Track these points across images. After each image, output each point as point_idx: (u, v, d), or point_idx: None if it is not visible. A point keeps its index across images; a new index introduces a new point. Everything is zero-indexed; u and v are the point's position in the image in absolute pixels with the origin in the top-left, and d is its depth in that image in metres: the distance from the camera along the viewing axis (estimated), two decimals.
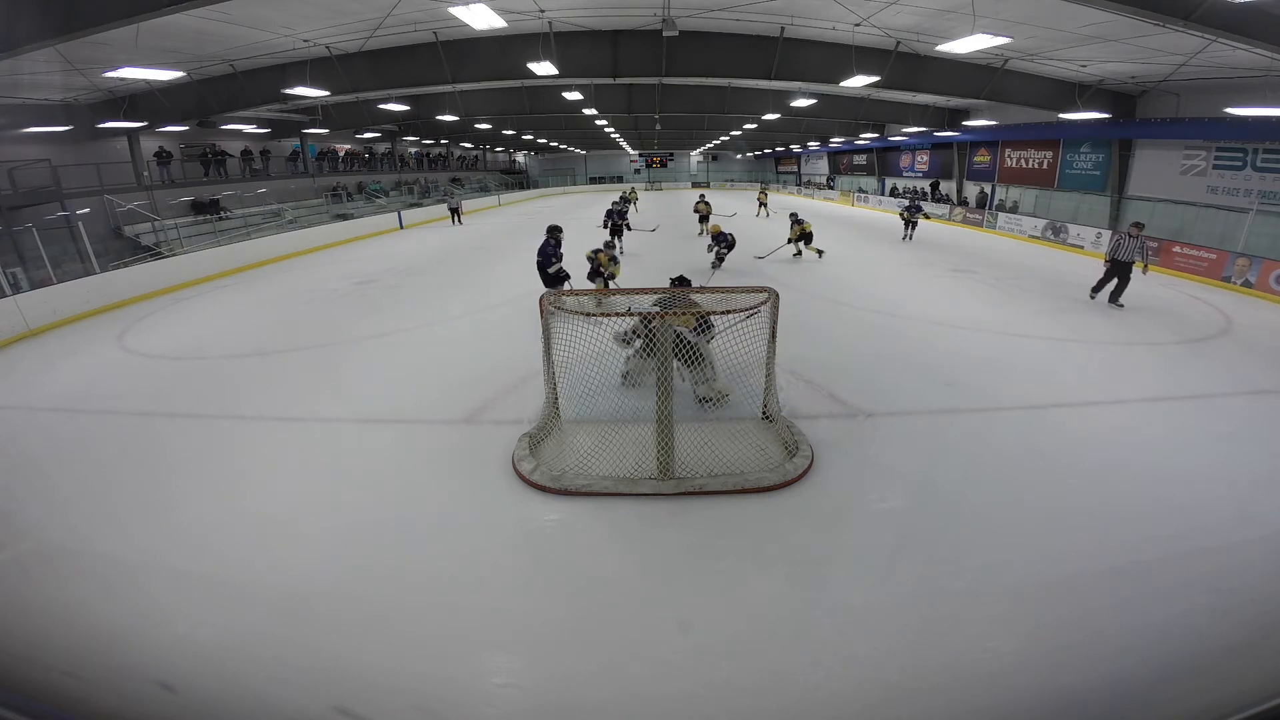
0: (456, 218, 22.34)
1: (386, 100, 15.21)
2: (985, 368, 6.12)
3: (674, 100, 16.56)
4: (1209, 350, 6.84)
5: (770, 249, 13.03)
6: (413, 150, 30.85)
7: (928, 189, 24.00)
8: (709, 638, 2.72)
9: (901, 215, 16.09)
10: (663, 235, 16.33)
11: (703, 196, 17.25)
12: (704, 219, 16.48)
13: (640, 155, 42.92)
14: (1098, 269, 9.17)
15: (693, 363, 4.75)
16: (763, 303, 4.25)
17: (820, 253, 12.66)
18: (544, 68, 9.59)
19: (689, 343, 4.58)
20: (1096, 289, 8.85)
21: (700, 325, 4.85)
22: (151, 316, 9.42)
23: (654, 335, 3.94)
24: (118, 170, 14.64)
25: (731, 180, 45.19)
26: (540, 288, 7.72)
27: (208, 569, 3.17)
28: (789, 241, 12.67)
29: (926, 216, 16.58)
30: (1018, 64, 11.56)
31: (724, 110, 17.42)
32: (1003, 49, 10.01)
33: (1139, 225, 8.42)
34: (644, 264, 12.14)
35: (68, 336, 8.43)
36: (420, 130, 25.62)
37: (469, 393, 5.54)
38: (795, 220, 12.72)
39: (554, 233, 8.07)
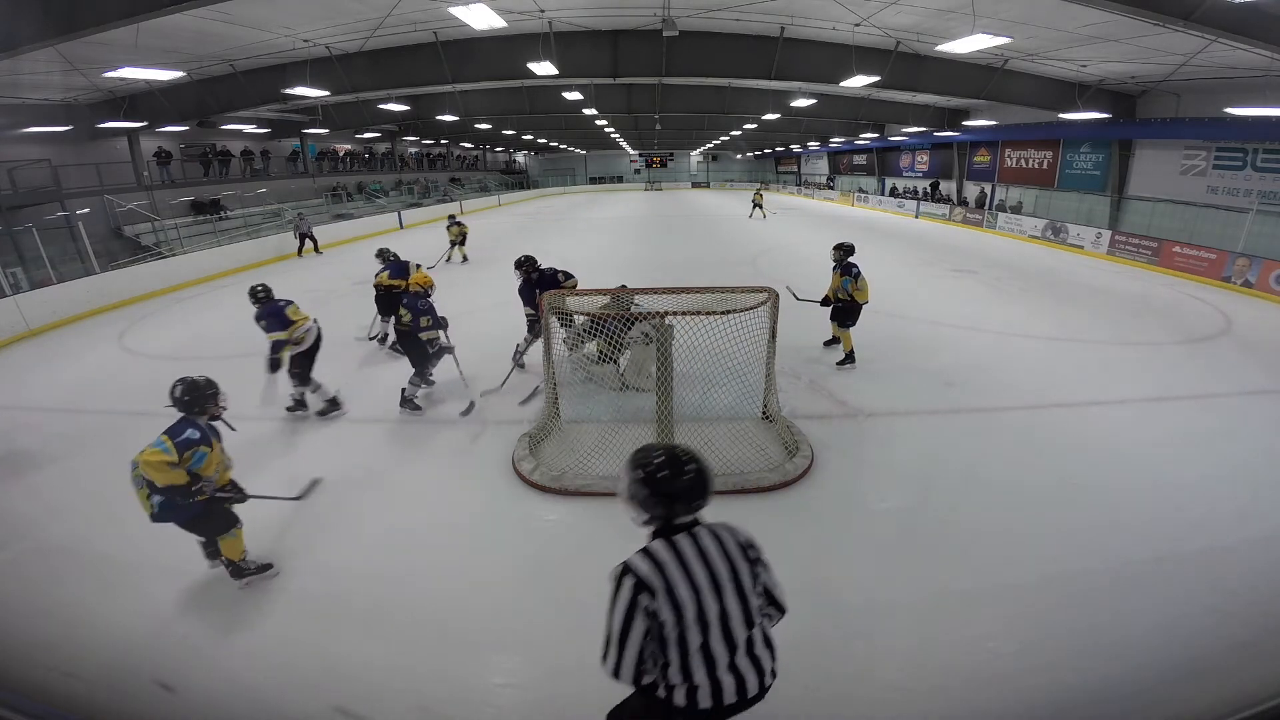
0: (309, 244, 14.99)
1: (386, 100, 15.19)
2: (985, 368, 6.12)
3: (674, 100, 16.53)
4: (1209, 350, 6.83)
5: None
6: (413, 150, 30.83)
7: (928, 189, 24.00)
8: None
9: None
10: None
11: (453, 218, 12.27)
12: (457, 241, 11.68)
13: (640, 155, 42.92)
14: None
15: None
16: (762, 303, 4.25)
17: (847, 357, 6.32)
18: (544, 68, 9.58)
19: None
20: None
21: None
22: (151, 316, 9.42)
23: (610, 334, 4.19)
24: (118, 170, 14.62)
25: (731, 180, 45.17)
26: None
27: (207, 569, 3.17)
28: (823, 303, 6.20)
29: None
30: (1018, 64, 11.55)
31: (724, 110, 17.39)
32: (1003, 49, 10.00)
33: None
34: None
35: (68, 336, 8.43)
36: (420, 130, 25.60)
37: (469, 392, 5.54)
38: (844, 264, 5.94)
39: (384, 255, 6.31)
